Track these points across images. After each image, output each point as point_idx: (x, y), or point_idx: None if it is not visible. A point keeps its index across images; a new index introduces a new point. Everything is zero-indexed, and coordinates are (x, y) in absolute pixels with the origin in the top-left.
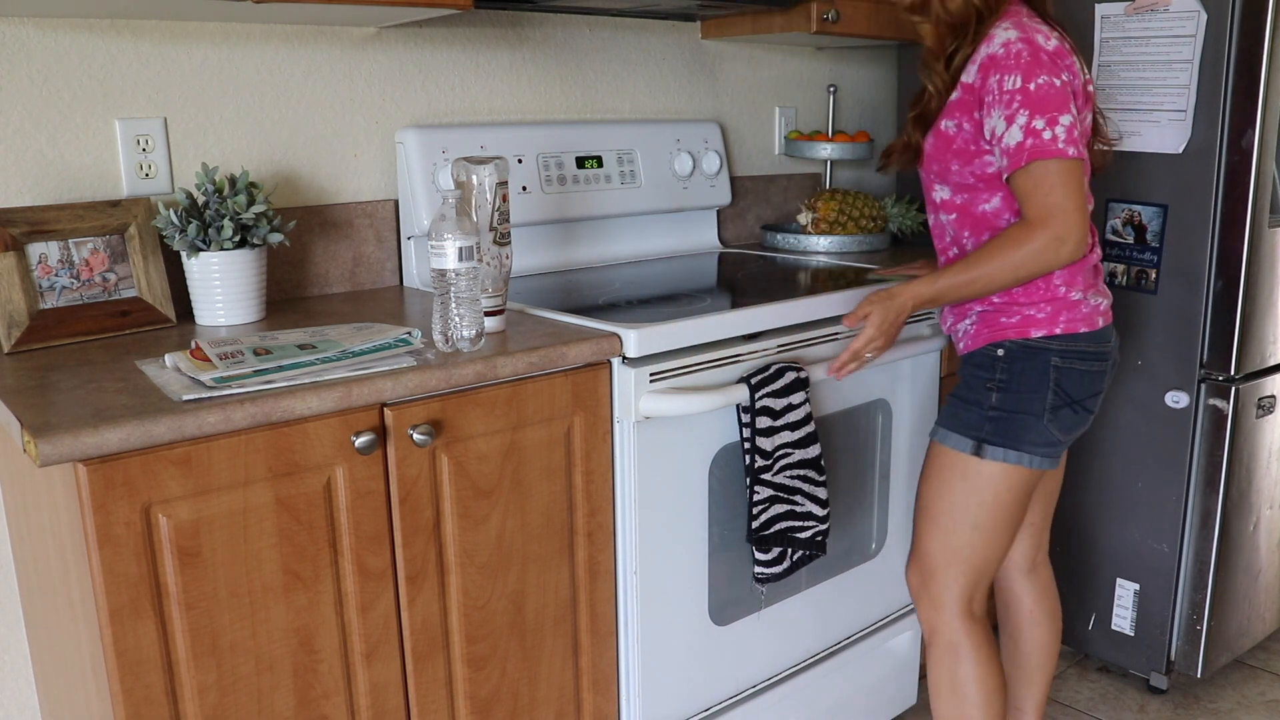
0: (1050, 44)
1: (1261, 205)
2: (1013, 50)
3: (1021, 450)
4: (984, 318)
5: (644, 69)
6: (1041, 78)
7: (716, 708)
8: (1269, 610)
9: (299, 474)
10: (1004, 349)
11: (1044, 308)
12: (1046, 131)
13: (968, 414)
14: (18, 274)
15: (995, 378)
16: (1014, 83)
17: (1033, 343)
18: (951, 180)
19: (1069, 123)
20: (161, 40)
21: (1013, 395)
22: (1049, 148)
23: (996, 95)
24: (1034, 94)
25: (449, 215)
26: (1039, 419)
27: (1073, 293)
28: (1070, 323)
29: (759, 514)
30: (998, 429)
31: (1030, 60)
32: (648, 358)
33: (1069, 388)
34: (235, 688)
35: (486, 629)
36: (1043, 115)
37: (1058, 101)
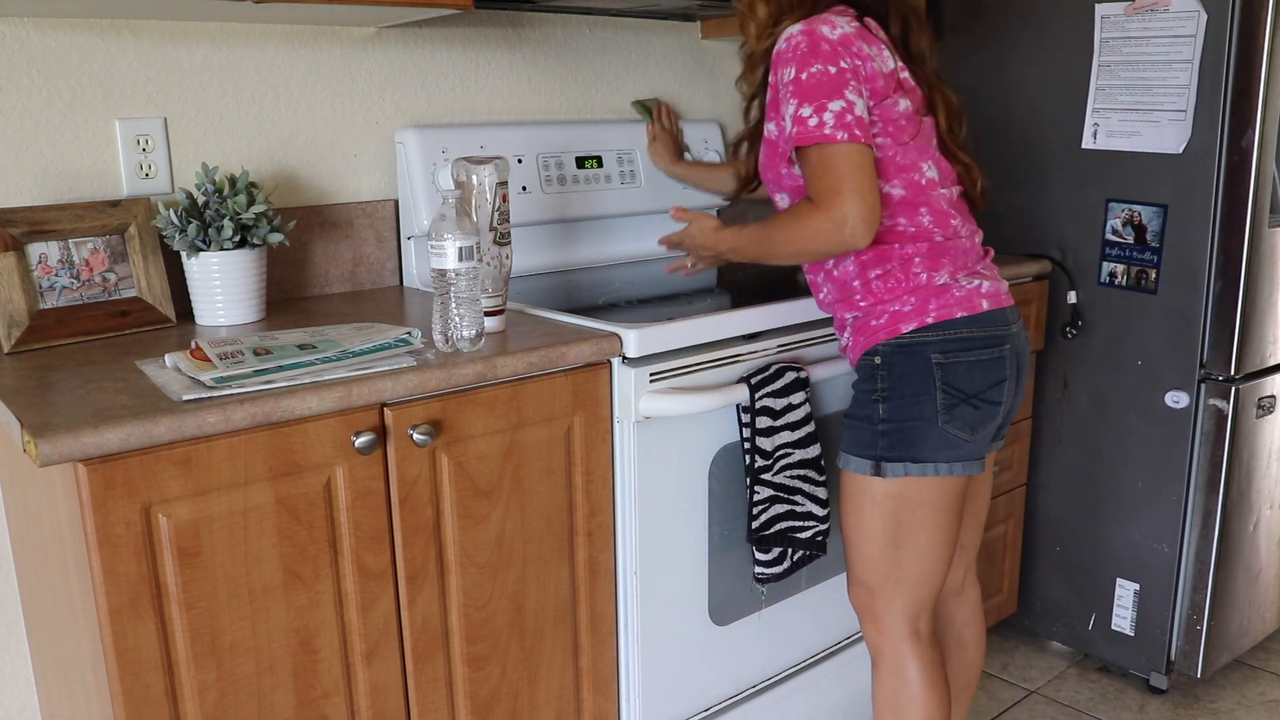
0: (836, 33)
1: (1261, 205)
2: (792, 44)
3: (924, 461)
4: (855, 325)
5: (644, 69)
6: (815, 66)
7: (716, 708)
8: (1269, 610)
9: (299, 474)
10: (879, 354)
11: (908, 300)
12: (813, 119)
13: (860, 433)
14: (18, 274)
15: (878, 388)
16: (789, 74)
17: (906, 340)
18: (785, 184)
19: (839, 108)
20: (161, 40)
21: (899, 403)
22: (814, 134)
23: (779, 90)
24: (805, 83)
25: (449, 215)
26: (932, 423)
27: (937, 277)
28: (943, 309)
29: (759, 514)
30: (892, 443)
31: (806, 51)
32: (648, 358)
33: (958, 383)
34: (235, 688)
35: (486, 629)
36: (810, 103)
37: (828, 88)
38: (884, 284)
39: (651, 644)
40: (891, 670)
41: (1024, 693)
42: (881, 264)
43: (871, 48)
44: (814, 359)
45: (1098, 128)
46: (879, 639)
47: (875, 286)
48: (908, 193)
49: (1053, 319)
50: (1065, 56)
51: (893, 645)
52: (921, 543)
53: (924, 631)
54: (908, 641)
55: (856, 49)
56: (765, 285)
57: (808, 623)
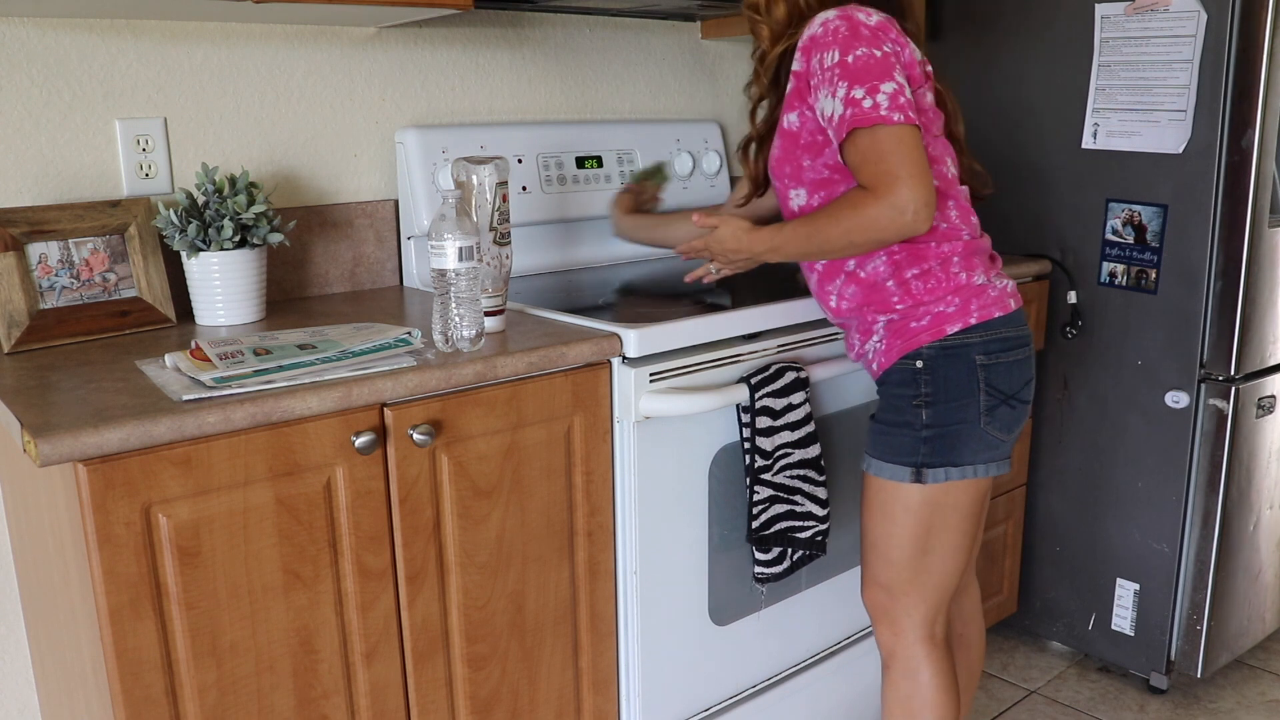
0: (873, 19)
1: (1261, 205)
2: (830, 27)
3: (964, 464)
4: (891, 328)
5: (644, 69)
6: (860, 49)
7: (716, 708)
8: (1269, 610)
9: (299, 474)
10: (922, 358)
11: (952, 300)
12: (867, 100)
13: (898, 439)
14: (18, 274)
15: (921, 393)
16: (833, 58)
17: (951, 341)
18: (806, 178)
19: (892, 90)
20: (161, 40)
21: (944, 407)
22: (870, 115)
23: (820, 74)
24: (852, 65)
25: (449, 215)
26: (976, 425)
27: (975, 277)
28: (984, 309)
29: (759, 514)
30: (935, 449)
31: (848, 34)
32: (648, 357)
33: (1000, 383)
34: (235, 688)
35: (486, 629)
36: (862, 85)
37: (878, 70)
38: (924, 284)
39: (651, 644)
40: (904, 674)
41: (1024, 693)
42: (918, 263)
43: (903, 36)
44: (814, 359)
45: (1098, 128)
46: (894, 642)
47: (915, 287)
48: (940, 184)
49: (1053, 319)
50: (1065, 56)
51: (907, 649)
52: (949, 547)
53: (939, 635)
54: (923, 645)
55: (894, 35)
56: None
57: (808, 623)
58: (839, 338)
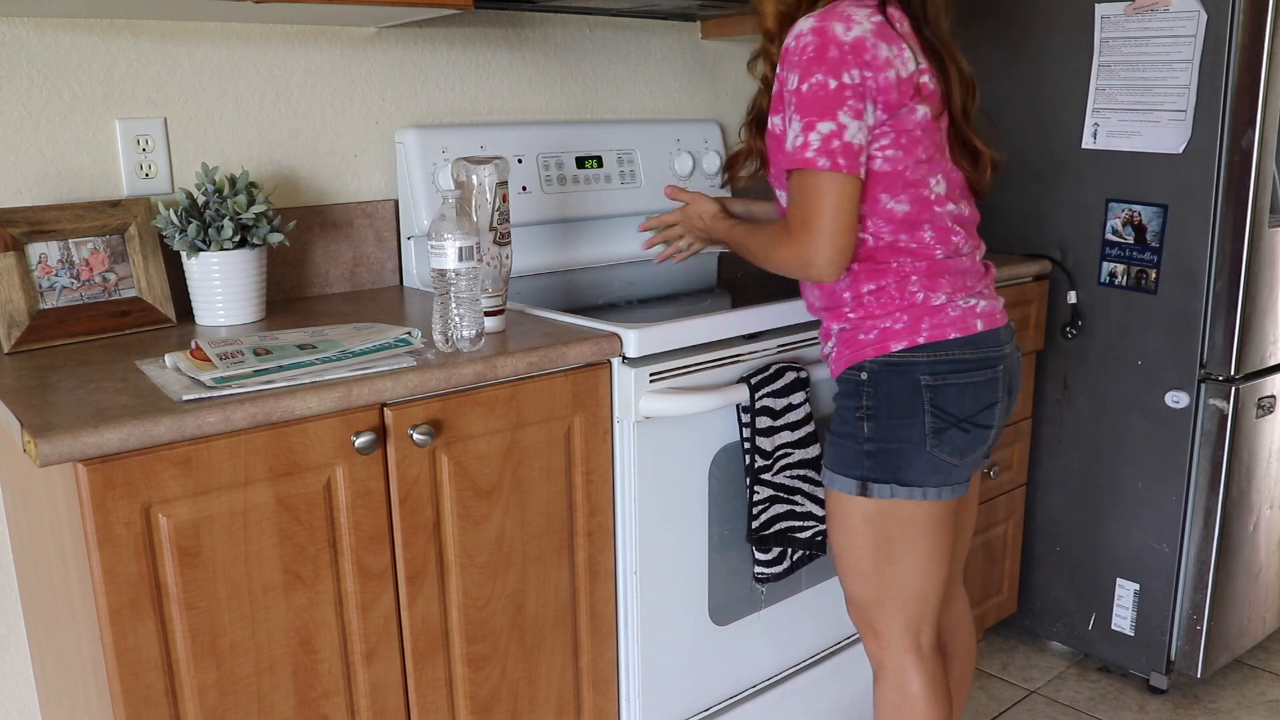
0: (850, 34)
1: (1261, 205)
2: (800, 44)
3: (911, 485)
4: (842, 337)
5: (644, 69)
6: (816, 77)
7: (716, 708)
8: (1269, 610)
9: (299, 474)
10: (866, 371)
11: (901, 317)
12: (800, 138)
13: (845, 450)
14: (18, 274)
15: (863, 404)
16: (792, 82)
17: (895, 359)
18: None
19: (827, 130)
20: (161, 40)
21: (885, 423)
22: (798, 156)
23: (783, 94)
24: (804, 95)
25: (449, 215)
26: (920, 447)
27: (934, 297)
28: (936, 329)
29: (759, 514)
30: (878, 464)
31: (813, 56)
32: (648, 358)
33: (948, 406)
34: (235, 688)
35: (486, 629)
36: (803, 119)
37: (823, 105)
38: (876, 300)
39: (651, 644)
40: (893, 685)
41: (1024, 693)
42: (876, 279)
43: (891, 48)
44: (814, 359)
45: (1098, 128)
46: (880, 653)
47: (867, 301)
48: (913, 209)
49: (1053, 319)
50: (1065, 56)
51: (894, 660)
52: (913, 560)
53: (926, 645)
54: (909, 655)
55: (870, 56)
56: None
57: (807, 623)
58: None
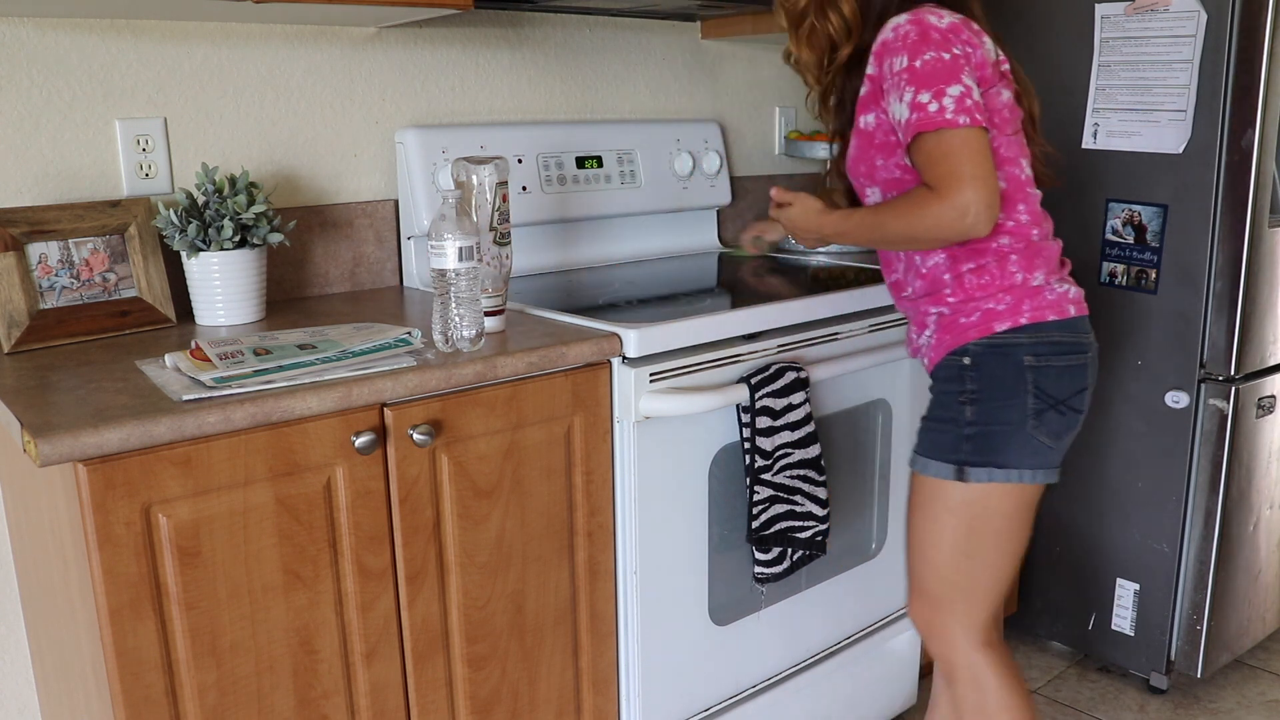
0: (944, 21)
1: (1261, 205)
2: (900, 32)
3: (1009, 467)
4: (942, 323)
5: (644, 69)
6: (928, 54)
7: (716, 708)
8: (1269, 610)
9: (299, 474)
10: (969, 355)
11: (1003, 298)
12: (932, 104)
13: (943, 436)
14: (18, 274)
15: (965, 389)
16: (901, 63)
17: (999, 340)
18: (879, 177)
19: (958, 93)
20: (161, 40)
21: (988, 405)
22: (934, 119)
23: (890, 79)
24: (920, 70)
25: (449, 215)
26: (1021, 428)
27: (1032, 278)
28: (1036, 310)
29: (759, 514)
30: (977, 447)
31: (917, 39)
32: (648, 358)
33: (1049, 387)
34: (235, 688)
35: (486, 629)
36: (928, 89)
37: (945, 74)
38: (977, 279)
39: (651, 644)
40: (970, 684)
41: None
42: (975, 258)
43: (978, 36)
44: (814, 359)
45: (1098, 128)
46: (951, 655)
47: (968, 281)
48: (1008, 186)
49: None
50: (1065, 56)
51: (966, 659)
52: (994, 553)
53: (995, 640)
54: (979, 652)
55: (966, 37)
56: (765, 285)
57: (808, 623)
58: (839, 338)
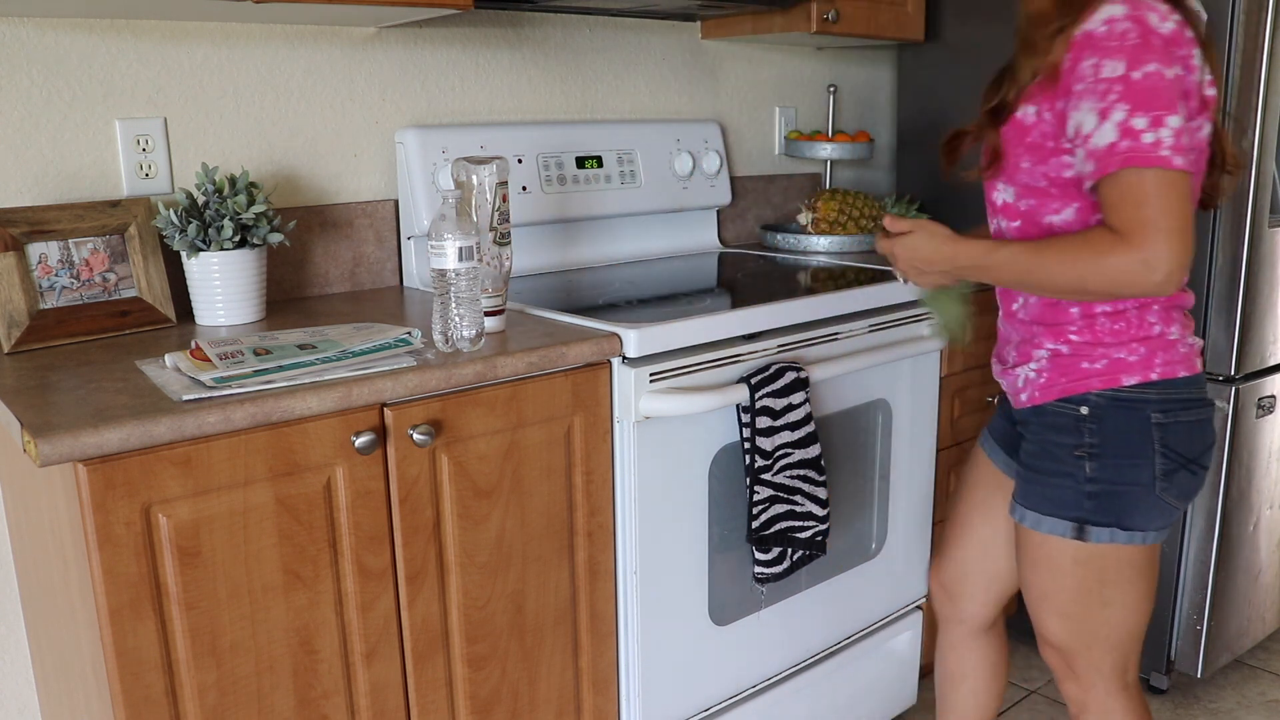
0: (1166, 26)
1: (1261, 205)
2: (1117, 30)
3: (1134, 530)
4: (1058, 363)
5: (644, 69)
6: (1150, 65)
7: (716, 708)
8: (1269, 610)
9: (299, 474)
10: (1088, 405)
11: (1137, 349)
12: (1148, 134)
13: (1058, 491)
14: (18, 274)
15: (1084, 442)
16: (1114, 69)
17: (1125, 393)
18: (1019, 180)
19: (1177, 125)
20: (161, 40)
21: (1112, 463)
22: (1149, 154)
23: (1090, 83)
24: (1137, 85)
25: (449, 215)
26: (1149, 490)
27: (1169, 331)
28: (1168, 365)
29: (759, 514)
30: (1100, 505)
31: (1138, 43)
32: (648, 357)
33: (1179, 446)
34: (235, 688)
35: (486, 629)
36: (1146, 113)
37: (1166, 98)
38: (1111, 324)
39: (651, 644)
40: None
41: (1024, 693)
42: (1115, 302)
43: (1193, 50)
44: (814, 359)
45: None
46: (1084, 696)
47: (1100, 325)
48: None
49: None
50: None
51: (1100, 701)
52: (1128, 600)
53: (1132, 681)
54: (1117, 697)
55: (1185, 52)
56: (765, 285)
57: (808, 623)
58: (839, 338)
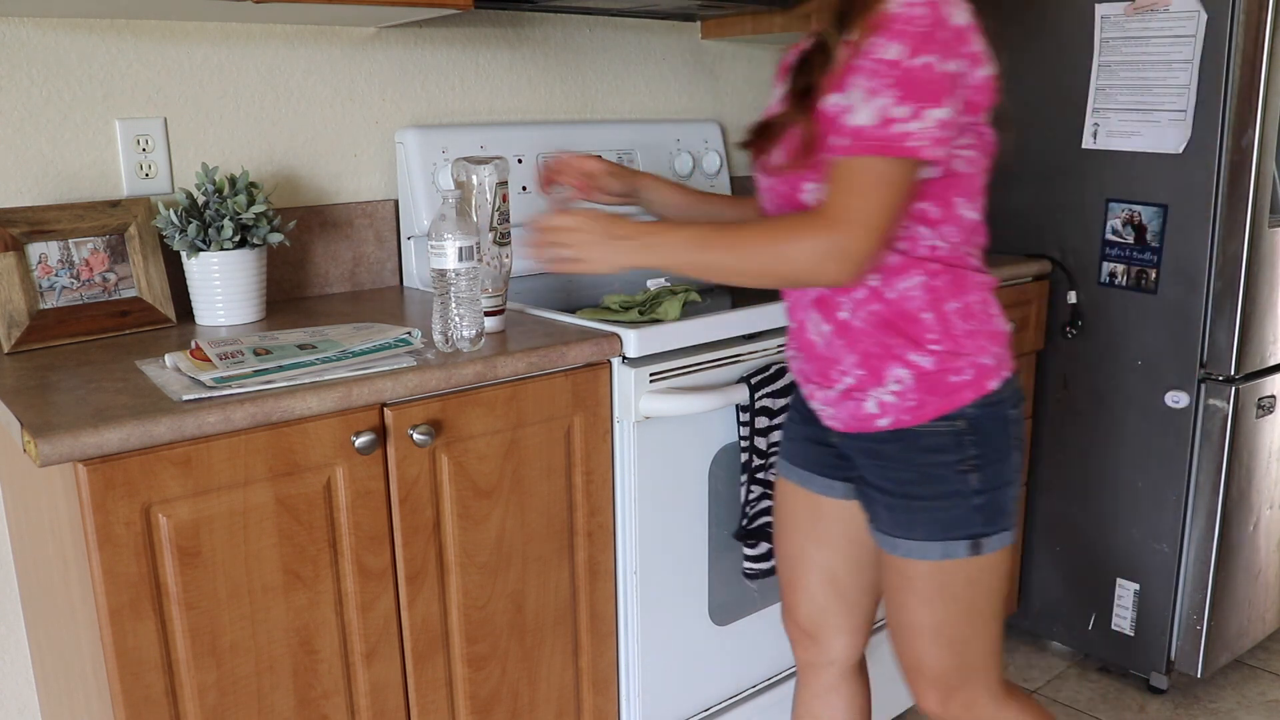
0: (960, 18)
1: (1261, 205)
2: (911, 12)
3: (1010, 527)
4: (923, 381)
5: (644, 69)
6: (929, 56)
7: (716, 708)
8: (1269, 610)
9: (299, 474)
10: (965, 418)
11: (990, 349)
12: (903, 124)
13: (947, 513)
14: (18, 274)
15: (968, 455)
16: (894, 52)
17: (993, 397)
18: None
19: (942, 118)
20: (161, 40)
21: (991, 469)
22: (894, 144)
23: (870, 61)
24: (915, 72)
25: (449, 215)
26: (1014, 484)
27: (1006, 324)
28: (1007, 361)
29: (749, 511)
30: (988, 515)
31: (926, 31)
32: (648, 358)
33: (1020, 434)
34: (235, 688)
35: (486, 629)
36: (911, 103)
37: (936, 90)
38: (965, 324)
39: (651, 644)
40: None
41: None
42: (961, 294)
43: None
44: None
45: (1098, 128)
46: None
47: (955, 325)
48: (979, 219)
49: (1053, 319)
50: (1065, 56)
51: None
52: (1000, 603)
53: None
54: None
55: (970, 49)
56: None
57: None
58: None
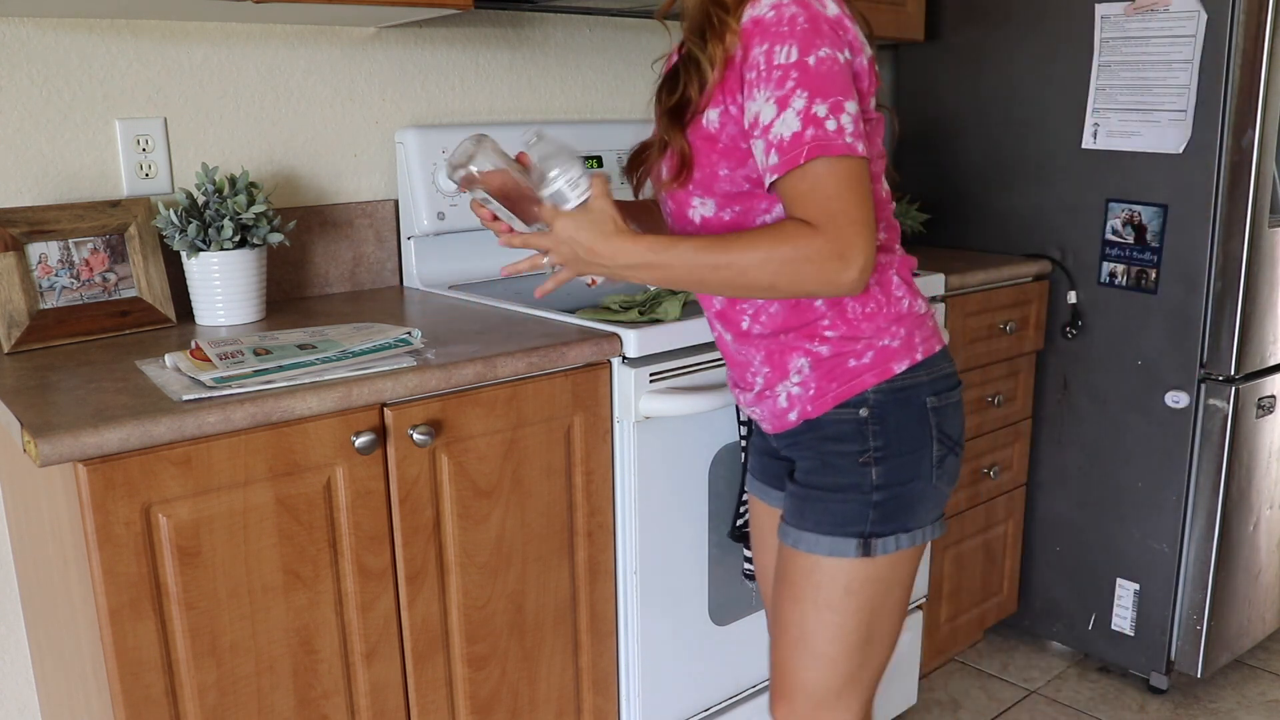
0: (831, 9)
1: (1261, 205)
2: (785, 14)
3: (915, 528)
4: (821, 368)
5: (644, 69)
6: (822, 50)
7: (716, 708)
8: (1269, 610)
9: (299, 474)
10: (866, 405)
11: (897, 331)
12: (830, 120)
13: (841, 506)
14: (18, 274)
15: (869, 447)
16: (787, 55)
17: (899, 381)
18: (718, 190)
19: (854, 111)
20: (161, 40)
21: (896, 461)
22: (834, 142)
23: (764, 71)
24: (814, 71)
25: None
26: (928, 481)
27: (917, 304)
28: (927, 342)
29: (744, 511)
30: (885, 513)
31: (808, 28)
32: (648, 358)
33: (949, 428)
34: (235, 688)
35: (486, 629)
36: (825, 99)
37: (841, 83)
38: (863, 308)
39: (651, 644)
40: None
41: (1024, 693)
42: None
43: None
44: None
45: (1098, 128)
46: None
47: (852, 312)
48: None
49: (1053, 319)
50: (1065, 56)
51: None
52: (889, 631)
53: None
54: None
55: (851, 36)
56: None
57: None
58: None
